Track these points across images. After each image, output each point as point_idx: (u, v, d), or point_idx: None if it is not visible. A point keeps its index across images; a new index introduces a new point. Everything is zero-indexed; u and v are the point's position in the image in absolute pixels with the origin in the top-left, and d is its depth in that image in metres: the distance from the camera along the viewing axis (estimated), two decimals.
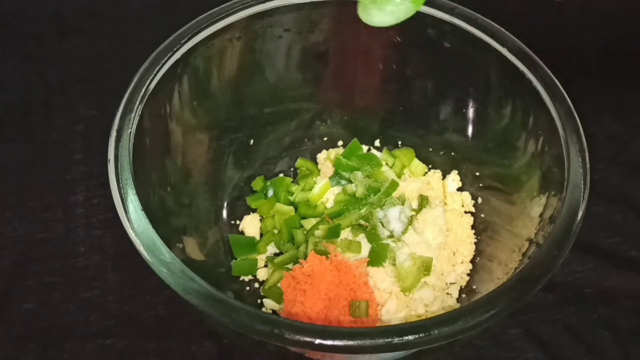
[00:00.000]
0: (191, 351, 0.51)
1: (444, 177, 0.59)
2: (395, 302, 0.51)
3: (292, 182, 0.59)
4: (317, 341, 0.35)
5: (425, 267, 0.52)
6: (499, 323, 0.52)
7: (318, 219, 0.55)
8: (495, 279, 0.50)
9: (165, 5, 0.73)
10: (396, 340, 0.35)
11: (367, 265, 0.52)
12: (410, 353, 0.41)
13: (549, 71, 0.48)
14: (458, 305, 0.52)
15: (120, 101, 0.45)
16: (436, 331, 0.36)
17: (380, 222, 0.54)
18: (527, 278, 0.39)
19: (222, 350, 0.51)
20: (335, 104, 0.60)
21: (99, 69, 0.68)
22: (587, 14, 0.73)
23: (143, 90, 0.45)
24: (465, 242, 0.55)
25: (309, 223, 0.55)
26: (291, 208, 0.57)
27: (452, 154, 0.58)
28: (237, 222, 0.57)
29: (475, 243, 0.55)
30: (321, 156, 0.61)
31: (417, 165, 0.59)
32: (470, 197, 0.57)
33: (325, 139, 0.61)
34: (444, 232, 0.55)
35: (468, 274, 0.54)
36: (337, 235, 0.54)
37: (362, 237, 0.53)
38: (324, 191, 0.57)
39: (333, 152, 0.60)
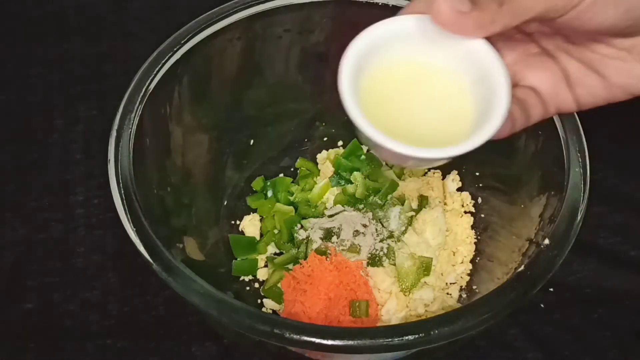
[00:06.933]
0: (191, 351, 0.51)
1: (443, 177, 0.59)
2: (395, 302, 0.51)
3: (292, 182, 0.59)
4: (317, 341, 0.35)
5: (425, 267, 0.52)
6: (499, 323, 0.52)
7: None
8: (495, 279, 0.50)
9: (165, 5, 0.73)
10: (396, 340, 0.35)
11: (367, 266, 0.52)
12: (410, 353, 0.41)
13: None
14: (458, 305, 0.52)
15: (120, 101, 0.45)
16: (436, 331, 0.36)
17: (380, 222, 0.54)
18: (527, 278, 0.39)
19: (222, 350, 0.51)
20: (335, 105, 0.59)
21: (99, 69, 0.68)
22: None
23: (143, 90, 0.45)
24: (465, 242, 0.55)
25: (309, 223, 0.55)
26: (291, 208, 0.57)
27: None
28: (237, 222, 0.57)
29: (475, 243, 0.55)
30: (321, 156, 0.61)
31: None
32: (470, 197, 0.57)
33: (325, 139, 0.61)
34: (444, 232, 0.55)
35: (468, 274, 0.54)
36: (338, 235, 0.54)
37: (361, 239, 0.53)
38: (324, 191, 0.57)
39: (333, 152, 0.60)
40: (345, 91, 0.32)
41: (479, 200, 0.57)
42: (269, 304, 0.53)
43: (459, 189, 0.58)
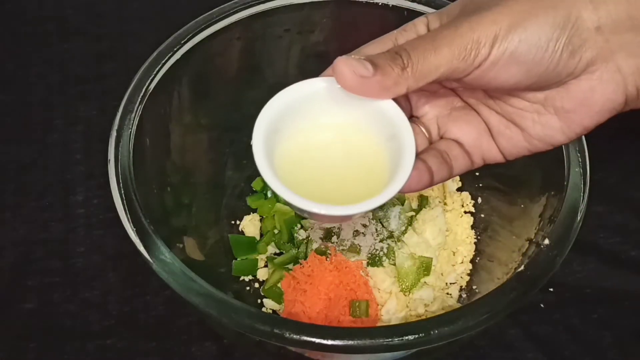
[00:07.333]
0: (191, 351, 0.51)
1: None
2: (395, 302, 0.51)
3: None
4: (317, 341, 0.35)
5: (425, 267, 0.52)
6: (499, 323, 0.52)
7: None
8: (495, 279, 0.50)
9: (165, 5, 0.73)
10: (396, 340, 0.35)
11: (367, 265, 0.52)
12: (410, 353, 0.41)
13: None
14: (458, 305, 0.52)
15: (120, 101, 0.45)
16: (436, 331, 0.36)
17: (380, 222, 0.54)
18: (527, 278, 0.39)
19: (222, 350, 0.51)
20: None
21: (99, 69, 0.68)
22: None
23: (143, 90, 0.45)
24: (465, 242, 0.55)
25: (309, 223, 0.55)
26: None
27: None
28: (237, 222, 0.57)
29: (475, 243, 0.55)
30: None
31: None
32: (470, 197, 0.57)
33: None
34: (444, 232, 0.55)
35: (468, 274, 0.54)
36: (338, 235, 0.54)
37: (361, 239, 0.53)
38: None
39: None
40: (259, 156, 0.32)
41: (479, 200, 0.57)
42: (269, 304, 0.53)
43: (459, 189, 0.58)
